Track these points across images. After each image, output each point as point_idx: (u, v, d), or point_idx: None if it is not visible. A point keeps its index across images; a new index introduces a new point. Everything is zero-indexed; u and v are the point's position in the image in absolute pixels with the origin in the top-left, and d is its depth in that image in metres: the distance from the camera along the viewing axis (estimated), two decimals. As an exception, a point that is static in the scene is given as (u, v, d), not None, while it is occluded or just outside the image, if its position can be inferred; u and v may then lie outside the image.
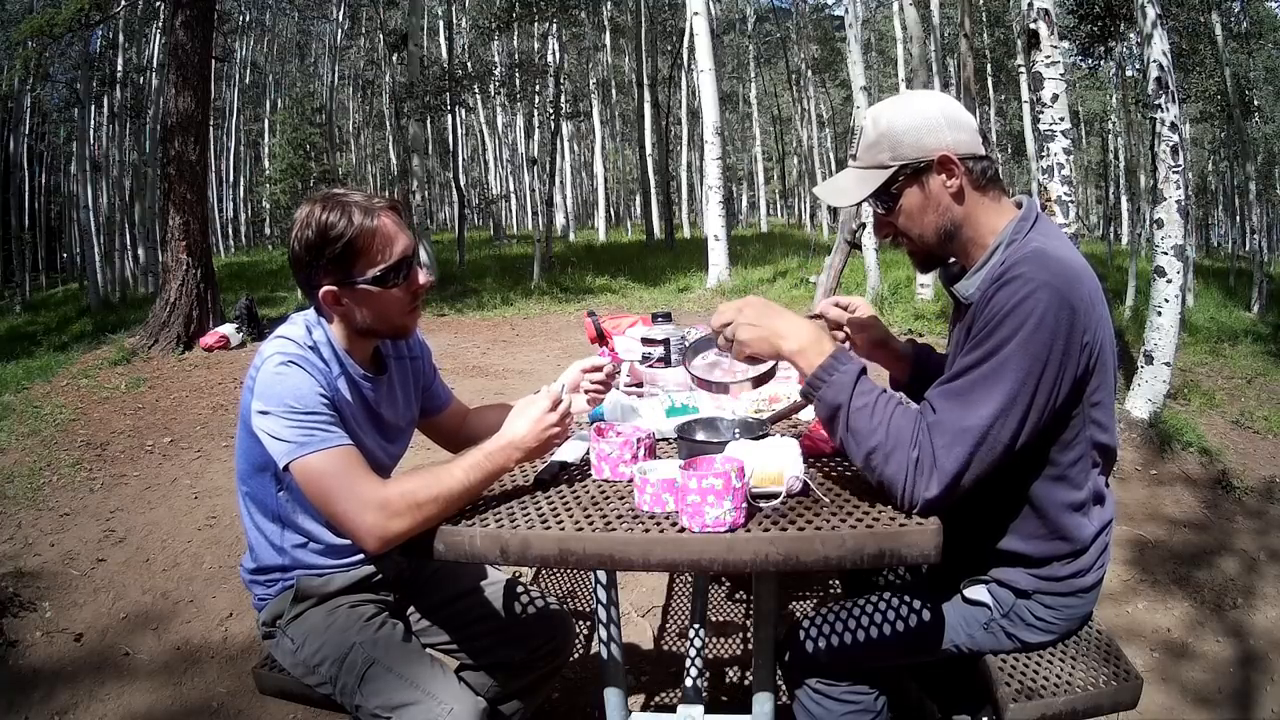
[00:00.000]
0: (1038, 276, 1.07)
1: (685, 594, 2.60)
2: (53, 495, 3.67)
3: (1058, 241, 1.18)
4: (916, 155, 1.19)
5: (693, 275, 10.83)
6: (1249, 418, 4.54)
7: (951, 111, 1.21)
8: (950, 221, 1.22)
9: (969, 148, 1.20)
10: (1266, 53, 12.64)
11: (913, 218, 1.24)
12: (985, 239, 1.23)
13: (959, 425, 1.07)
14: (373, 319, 1.31)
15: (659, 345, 1.68)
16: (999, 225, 1.22)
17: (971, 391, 1.08)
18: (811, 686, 1.38)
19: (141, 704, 2.23)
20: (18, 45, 9.30)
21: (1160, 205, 4.12)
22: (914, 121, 1.19)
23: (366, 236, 1.25)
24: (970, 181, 1.20)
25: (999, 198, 1.24)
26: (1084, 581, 1.31)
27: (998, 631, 1.33)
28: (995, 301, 1.09)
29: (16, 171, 17.68)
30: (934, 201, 1.21)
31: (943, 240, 1.24)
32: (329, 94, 21.74)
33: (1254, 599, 2.69)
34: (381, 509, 1.14)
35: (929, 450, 1.06)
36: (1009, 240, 1.20)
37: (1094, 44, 9.08)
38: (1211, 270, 13.44)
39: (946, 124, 1.19)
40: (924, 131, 1.19)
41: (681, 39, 19.28)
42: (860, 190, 1.23)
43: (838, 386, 1.11)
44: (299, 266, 1.28)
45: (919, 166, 1.19)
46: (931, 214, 1.22)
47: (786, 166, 31.91)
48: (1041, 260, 1.10)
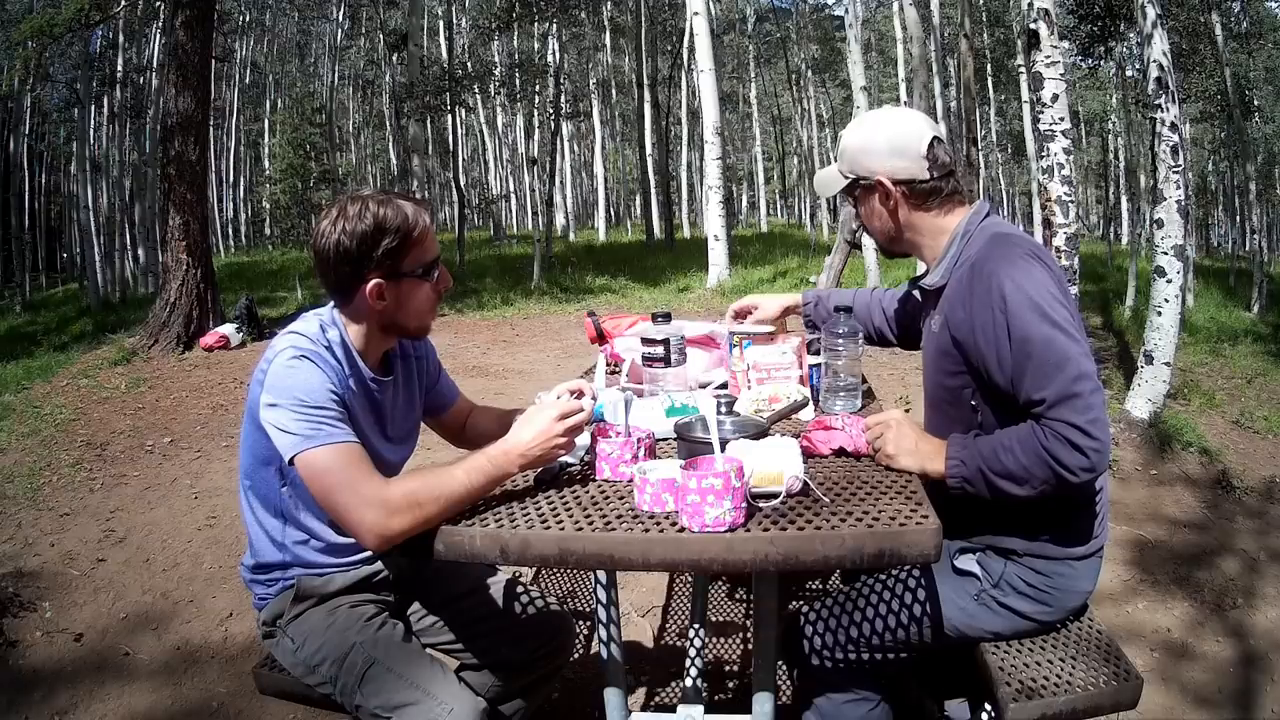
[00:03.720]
0: (1010, 252, 1.26)
1: (685, 594, 2.60)
2: (53, 495, 3.67)
3: (1000, 225, 1.36)
4: (862, 174, 1.40)
5: (693, 275, 10.83)
6: (1249, 418, 4.54)
7: (895, 140, 1.36)
8: (892, 229, 1.43)
9: (908, 173, 1.36)
10: (1266, 53, 12.65)
11: (866, 220, 1.47)
12: (935, 241, 1.41)
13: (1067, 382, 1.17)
14: (407, 315, 1.34)
15: (659, 345, 1.69)
16: (948, 227, 1.39)
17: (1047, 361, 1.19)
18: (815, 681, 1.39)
19: (141, 704, 2.23)
20: (18, 45, 9.27)
21: (1160, 205, 4.12)
22: (861, 144, 1.40)
23: (421, 231, 1.30)
24: (908, 203, 1.39)
25: (949, 209, 1.39)
26: (1074, 550, 1.32)
27: (990, 603, 1.35)
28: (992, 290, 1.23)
29: (16, 171, 17.67)
30: (877, 214, 1.43)
31: (889, 241, 1.46)
32: (329, 94, 21.72)
33: (1254, 599, 2.69)
34: (383, 506, 1.15)
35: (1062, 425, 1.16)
36: (963, 232, 1.37)
37: (1094, 44, 9.08)
38: (1211, 270, 13.44)
39: (888, 151, 1.36)
40: (868, 155, 1.38)
41: (681, 39, 19.29)
42: (831, 188, 1.48)
43: (969, 459, 1.25)
44: (345, 260, 1.26)
45: (866, 184, 1.40)
46: (876, 221, 1.44)
47: (786, 166, 31.90)
48: (1002, 240, 1.30)
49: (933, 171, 1.35)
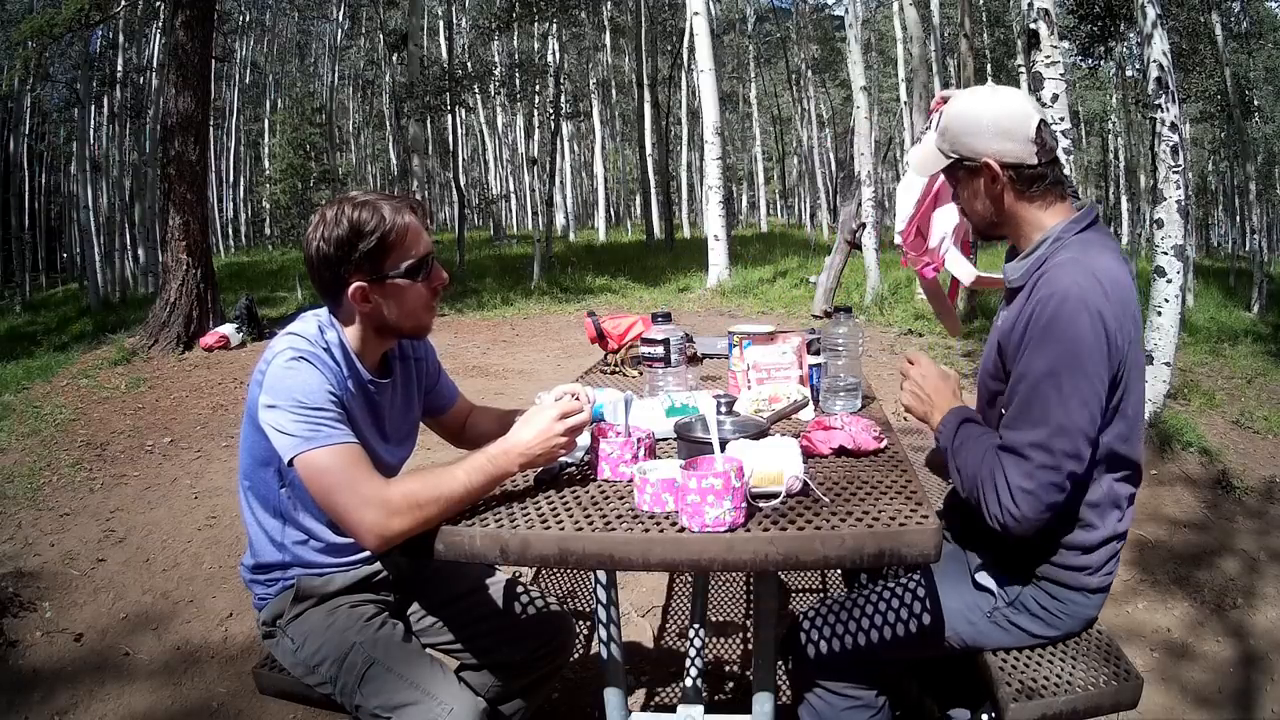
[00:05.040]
0: (1071, 290, 1.18)
1: (685, 594, 2.60)
2: (53, 495, 3.67)
3: (1098, 250, 1.26)
4: (967, 155, 1.32)
5: (693, 275, 10.83)
6: (1249, 418, 4.54)
7: (1005, 121, 1.29)
8: (993, 214, 1.36)
9: (1016, 157, 1.29)
10: (1266, 53, 12.65)
11: (967, 201, 1.39)
12: (1030, 234, 1.34)
13: (1026, 441, 1.19)
14: (398, 316, 1.32)
15: (659, 345, 1.69)
16: (1046, 224, 1.32)
17: (1030, 410, 1.20)
18: (815, 683, 1.38)
19: (141, 704, 2.23)
20: (18, 45, 9.27)
21: (1160, 205, 4.12)
22: (968, 125, 1.31)
23: (399, 232, 1.28)
24: (1014, 190, 1.31)
25: (1051, 202, 1.32)
26: (1089, 581, 1.32)
27: (1001, 620, 1.35)
28: (1036, 315, 1.21)
29: (16, 171, 17.68)
30: (980, 197, 1.35)
31: (988, 226, 1.39)
32: (329, 94, 21.74)
33: (1254, 599, 2.69)
34: (382, 507, 1.15)
35: (1000, 470, 1.21)
36: (1055, 237, 1.30)
37: (1094, 44, 9.09)
38: (1211, 270, 13.44)
39: (995, 133, 1.29)
40: (973, 136, 1.30)
41: (681, 39, 19.30)
42: (930, 166, 1.41)
43: (952, 435, 1.31)
44: (326, 265, 1.27)
45: (970, 165, 1.33)
46: (978, 205, 1.36)
47: (786, 166, 31.92)
48: (1076, 271, 1.21)
49: (1040, 156, 1.29)
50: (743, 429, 1.35)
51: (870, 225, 8.59)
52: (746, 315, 8.10)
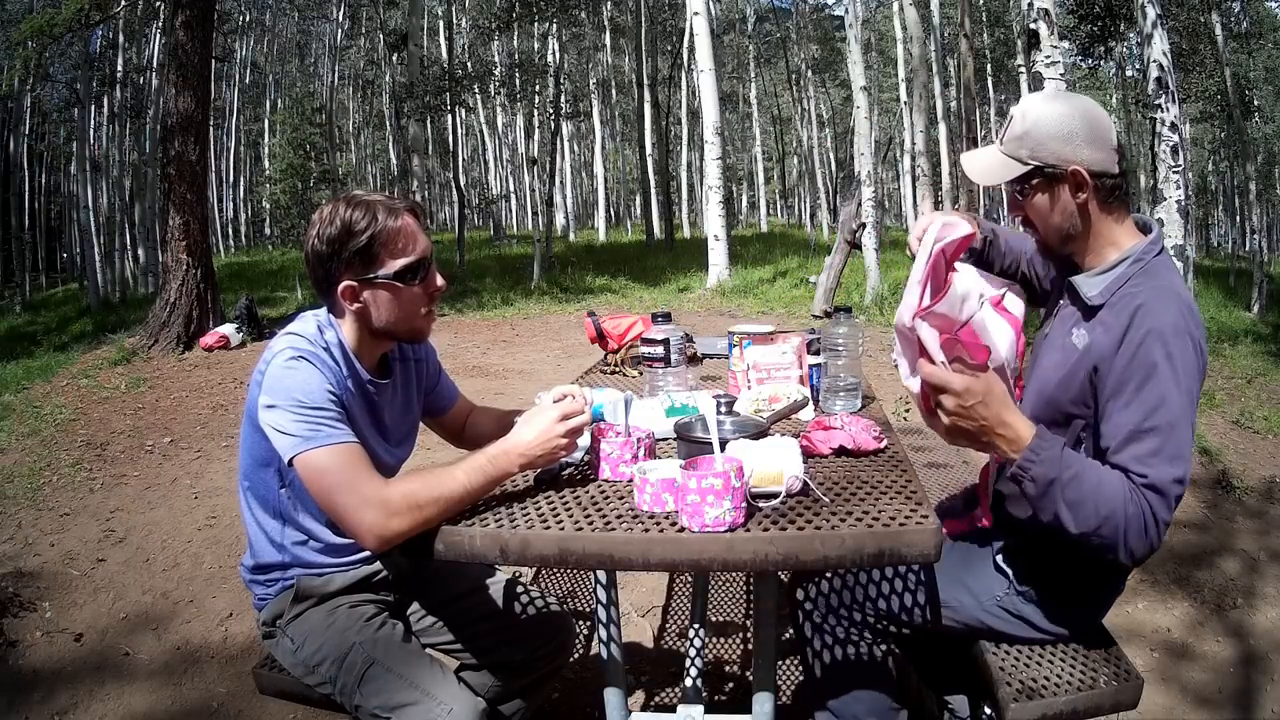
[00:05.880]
0: (1179, 323, 1.16)
1: (685, 594, 2.60)
2: (53, 495, 3.67)
3: (1175, 275, 1.26)
4: (1052, 162, 1.25)
5: (693, 275, 10.83)
6: (1249, 418, 4.54)
7: (1094, 127, 1.24)
8: (1072, 228, 1.28)
9: (1103, 165, 1.24)
10: (1266, 53, 12.65)
11: (1040, 214, 1.30)
12: (1105, 251, 1.29)
13: (1170, 478, 1.13)
14: (390, 319, 1.32)
15: (659, 345, 1.69)
16: (1120, 241, 1.28)
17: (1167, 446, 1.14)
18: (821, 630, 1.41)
19: (141, 704, 2.22)
20: (18, 45, 9.29)
21: (1160, 205, 4.12)
22: (1056, 129, 1.24)
23: (390, 233, 1.27)
24: (1098, 199, 1.26)
25: (1123, 217, 1.29)
26: (1099, 594, 1.36)
27: (1010, 606, 1.36)
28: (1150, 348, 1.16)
29: (16, 171, 17.69)
30: (1060, 207, 1.27)
31: (1062, 241, 1.31)
32: (329, 94, 21.71)
33: (1254, 599, 2.69)
34: (382, 507, 1.15)
35: (1148, 508, 1.13)
36: (1136, 257, 1.26)
37: (1094, 44, 9.09)
38: (1211, 270, 13.43)
39: (1086, 140, 1.23)
40: (1063, 141, 1.24)
41: (681, 39, 19.31)
42: (998, 175, 1.31)
43: (1049, 461, 1.14)
44: (319, 262, 1.28)
45: (1052, 174, 1.25)
46: (1057, 217, 1.28)
47: (786, 166, 31.92)
48: (1179, 304, 1.19)
49: (1120, 165, 1.26)
50: (743, 429, 1.35)
51: (870, 225, 8.58)
52: (746, 315, 8.10)
